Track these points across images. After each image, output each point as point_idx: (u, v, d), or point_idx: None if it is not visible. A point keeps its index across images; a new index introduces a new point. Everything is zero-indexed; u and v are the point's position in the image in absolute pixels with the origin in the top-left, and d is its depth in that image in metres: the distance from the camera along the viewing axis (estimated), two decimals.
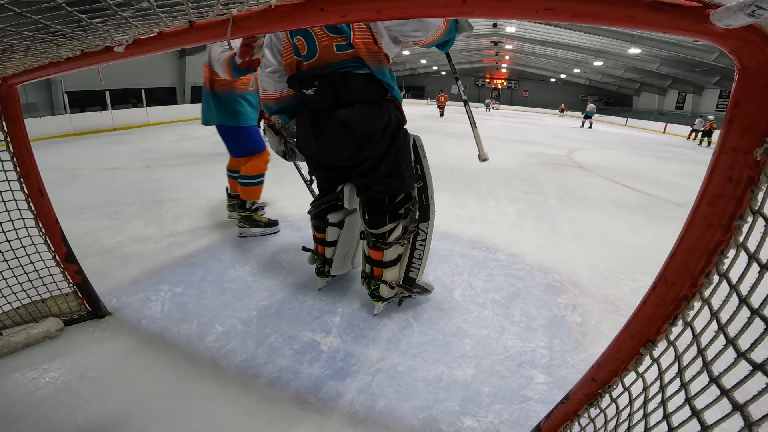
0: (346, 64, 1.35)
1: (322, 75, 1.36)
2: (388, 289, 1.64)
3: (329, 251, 1.80)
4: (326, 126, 1.42)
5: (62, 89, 9.58)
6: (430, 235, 1.66)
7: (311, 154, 1.60)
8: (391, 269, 1.62)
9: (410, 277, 1.67)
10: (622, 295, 1.97)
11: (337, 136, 1.43)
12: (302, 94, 1.44)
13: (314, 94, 1.39)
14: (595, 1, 0.53)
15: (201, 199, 3.36)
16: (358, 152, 1.44)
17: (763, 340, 0.49)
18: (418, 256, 1.66)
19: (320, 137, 1.46)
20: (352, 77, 1.35)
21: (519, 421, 1.18)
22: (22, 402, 1.17)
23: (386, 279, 1.62)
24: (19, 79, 1.22)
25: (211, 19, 0.72)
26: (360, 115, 1.38)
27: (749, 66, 0.52)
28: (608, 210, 3.54)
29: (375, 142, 1.42)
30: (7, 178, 1.37)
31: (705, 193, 0.60)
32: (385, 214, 1.55)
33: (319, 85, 1.36)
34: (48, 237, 1.46)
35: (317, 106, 1.43)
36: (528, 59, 25.82)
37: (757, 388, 0.47)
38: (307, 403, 1.22)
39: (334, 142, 1.45)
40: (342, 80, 1.35)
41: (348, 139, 1.42)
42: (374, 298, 1.66)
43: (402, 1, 0.62)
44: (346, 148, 1.45)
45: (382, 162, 1.45)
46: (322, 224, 1.75)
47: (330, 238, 1.78)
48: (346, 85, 1.35)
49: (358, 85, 1.36)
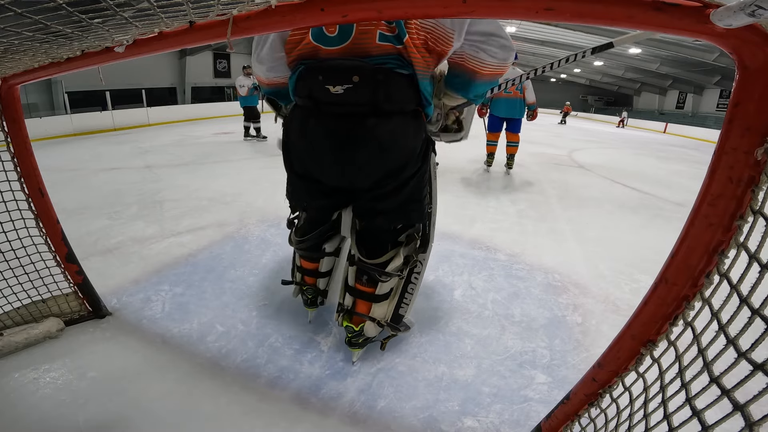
0: (388, 59, 1.03)
1: (365, 69, 1.02)
2: (374, 327, 1.37)
3: (322, 282, 1.56)
4: (355, 140, 1.09)
5: (63, 89, 9.59)
6: (426, 266, 1.47)
7: (320, 176, 1.22)
8: (381, 304, 1.37)
9: (399, 314, 1.43)
10: (623, 295, 1.97)
11: (369, 155, 1.11)
12: (321, 91, 1.07)
13: (345, 94, 1.04)
14: (595, 1, 0.53)
15: (201, 199, 3.36)
16: (392, 176, 1.16)
17: (763, 340, 0.49)
18: (411, 290, 1.44)
19: (345, 155, 1.12)
20: (397, 79, 1.05)
21: (519, 421, 1.18)
22: (22, 402, 1.17)
23: (374, 315, 1.36)
24: (19, 79, 1.22)
25: (212, 20, 0.72)
26: (401, 129, 1.11)
27: (750, 66, 0.52)
28: (609, 210, 3.54)
29: (412, 164, 1.18)
30: (7, 178, 1.37)
31: (706, 192, 0.60)
32: (386, 242, 1.33)
33: (357, 83, 1.03)
34: (48, 237, 1.46)
35: (343, 110, 1.08)
36: (528, 59, 25.79)
37: (758, 388, 0.47)
38: (308, 403, 1.22)
39: (362, 163, 1.12)
40: (384, 80, 1.04)
41: (384, 159, 1.12)
42: (353, 346, 1.39)
43: (402, 1, 0.62)
44: (374, 171, 1.15)
45: (406, 186, 1.19)
46: (316, 255, 1.49)
47: (325, 268, 1.53)
48: (387, 87, 1.05)
49: (400, 89, 1.07)
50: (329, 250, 1.48)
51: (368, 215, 1.28)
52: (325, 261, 1.51)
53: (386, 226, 1.29)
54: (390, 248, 1.32)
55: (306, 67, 1.09)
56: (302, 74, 1.11)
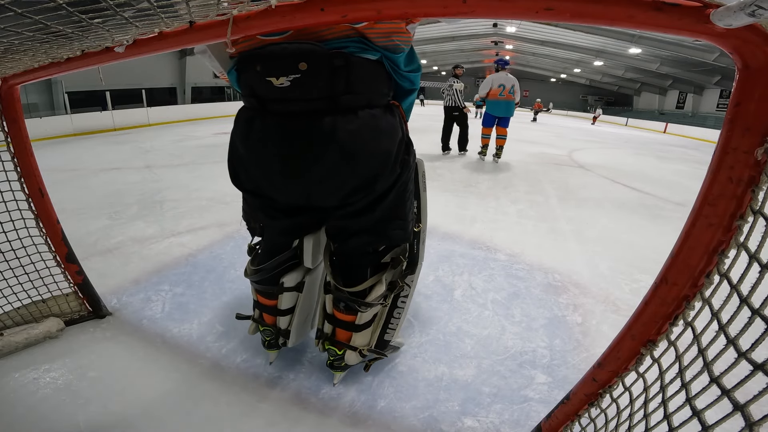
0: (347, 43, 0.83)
1: (317, 53, 0.80)
2: (357, 356, 1.21)
3: (283, 320, 1.26)
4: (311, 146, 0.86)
5: (63, 89, 9.59)
6: (414, 288, 1.30)
7: (266, 192, 0.99)
8: (363, 333, 1.20)
9: (384, 339, 1.29)
10: (623, 295, 1.97)
11: (331, 165, 0.88)
12: (262, 86, 0.85)
13: (292, 87, 0.82)
14: (595, 1, 0.53)
15: (202, 199, 3.36)
16: (363, 188, 0.94)
17: (763, 340, 0.49)
18: (398, 315, 1.27)
19: (297, 165, 0.89)
20: (362, 65, 0.85)
21: (520, 421, 1.18)
22: (23, 402, 1.17)
23: (355, 345, 1.20)
24: (19, 79, 1.22)
25: (212, 20, 0.72)
26: (371, 128, 0.88)
27: (750, 66, 0.52)
28: (609, 210, 3.54)
29: (388, 172, 0.95)
30: (7, 178, 1.37)
31: (706, 193, 0.60)
32: (366, 267, 1.14)
33: (306, 71, 0.81)
34: (49, 237, 1.46)
35: (293, 108, 0.86)
36: (528, 59, 25.80)
37: (758, 388, 0.47)
38: (308, 403, 1.22)
39: (324, 175, 0.89)
40: (344, 67, 0.83)
41: (350, 169, 0.89)
42: (335, 369, 1.24)
43: (402, 1, 0.62)
44: (342, 183, 0.92)
45: (384, 200, 0.98)
46: (273, 291, 1.21)
47: (285, 305, 1.23)
48: (348, 76, 0.83)
49: (367, 78, 0.87)
50: (288, 285, 1.19)
51: (341, 236, 1.07)
52: (284, 297, 1.21)
53: (363, 249, 1.09)
54: (370, 274, 1.13)
55: (241, 57, 0.88)
56: (239, 66, 0.90)
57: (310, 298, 1.32)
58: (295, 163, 0.89)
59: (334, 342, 1.21)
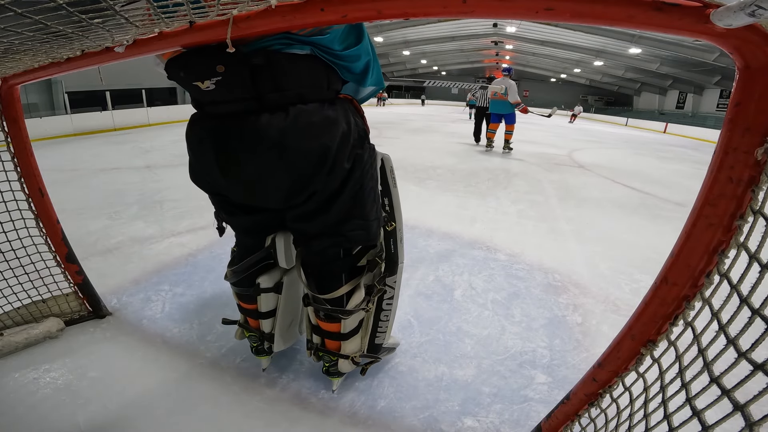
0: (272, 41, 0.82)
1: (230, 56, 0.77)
2: (349, 364, 1.20)
3: (266, 324, 1.24)
4: (242, 145, 0.87)
5: (63, 89, 9.59)
6: (399, 288, 1.28)
7: (218, 190, 1.01)
8: (351, 340, 1.18)
9: (376, 344, 1.28)
10: (623, 295, 1.97)
11: (264, 163, 0.88)
12: (194, 90, 0.88)
13: (216, 90, 0.84)
14: (595, 1, 0.53)
15: (201, 199, 3.35)
16: (301, 187, 0.92)
17: (763, 340, 0.49)
18: (385, 318, 1.26)
19: (232, 165, 0.90)
20: (288, 61, 0.84)
21: (520, 421, 1.18)
22: (23, 402, 1.17)
23: (345, 353, 1.18)
24: (19, 79, 1.22)
25: (212, 20, 0.72)
26: (301, 123, 0.86)
27: (750, 66, 0.52)
28: (609, 210, 3.54)
29: (328, 169, 0.91)
30: (7, 178, 1.37)
31: (706, 192, 0.60)
32: (339, 272, 1.10)
33: (224, 74, 0.81)
34: (49, 237, 1.46)
35: (222, 110, 0.88)
36: (528, 59, 25.81)
37: (758, 388, 0.47)
38: (308, 403, 1.22)
39: (259, 174, 0.89)
40: (267, 65, 0.82)
41: (282, 167, 0.88)
42: (331, 375, 1.24)
43: (402, 1, 0.62)
44: (279, 183, 0.91)
45: (337, 199, 0.96)
46: (250, 293, 1.18)
47: (265, 308, 1.21)
48: (272, 73, 0.83)
49: (295, 74, 0.85)
50: (265, 286, 1.17)
51: (302, 240, 1.07)
52: (263, 299, 1.19)
53: (328, 253, 1.06)
54: (346, 279, 1.10)
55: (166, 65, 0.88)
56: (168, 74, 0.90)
57: (293, 301, 1.28)
58: (229, 163, 0.90)
59: (326, 351, 1.20)
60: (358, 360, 1.22)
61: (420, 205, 3.36)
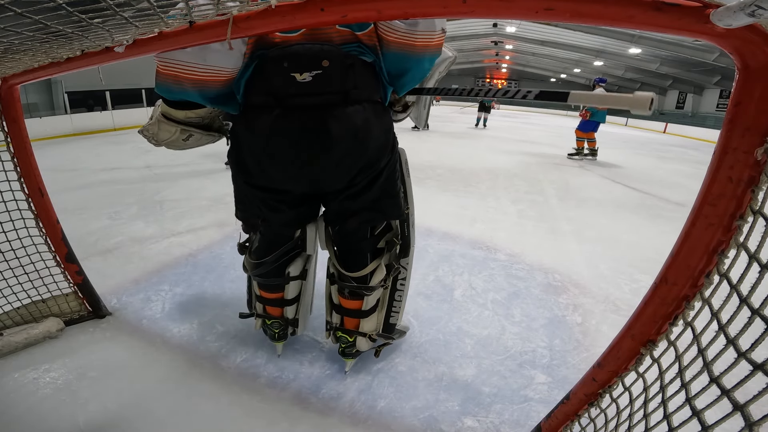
0: (350, 47, 0.96)
1: (335, 53, 0.93)
2: (367, 341, 1.30)
3: (290, 310, 1.36)
4: (331, 132, 0.97)
5: (62, 89, 9.58)
6: (410, 271, 1.39)
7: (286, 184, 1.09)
8: (370, 318, 1.29)
9: (390, 323, 1.37)
10: (623, 295, 1.97)
11: (349, 148, 1.00)
12: (285, 82, 0.94)
13: (314, 82, 0.93)
14: (594, 1, 0.53)
15: (201, 199, 3.36)
16: (368, 168, 1.07)
17: (763, 340, 0.49)
18: (399, 298, 1.37)
19: (320, 150, 0.99)
20: (363, 66, 0.99)
21: (520, 421, 1.18)
22: (22, 402, 1.17)
23: (364, 330, 1.29)
24: (19, 79, 1.22)
25: (212, 20, 0.72)
26: (374, 118, 1.02)
27: (750, 66, 0.52)
28: (609, 210, 3.54)
29: (387, 154, 1.11)
30: (7, 178, 1.37)
31: (706, 192, 0.60)
32: (366, 252, 1.24)
33: (327, 68, 0.92)
34: (48, 237, 1.46)
35: (313, 101, 0.96)
36: (528, 59, 25.80)
37: (758, 388, 0.47)
38: (308, 403, 1.22)
39: (341, 157, 1.01)
40: (352, 66, 0.96)
41: (362, 150, 1.03)
42: (347, 356, 1.33)
43: (402, 2, 0.62)
44: (356, 164, 1.05)
45: (379, 178, 1.11)
46: (279, 282, 1.30)
47: (291, 295, 1.33)
48: (355, 74, 0.97)
49: (366, 77, 1.00)
50: (294, 274, 1.29)
51: (341, 219, 1.18)
52: (291, 286, 1.31)
53: (362, 229, 1.20)
54: (371, 259, 1.24)
55: (266, 56, 0.94)
56: (261, 66, 0.96)
57: (310, 284, 1.42)
58: (316, 149, 1.00)
59: (345, 330, 1.30)
60: (374, 338, 1.32)
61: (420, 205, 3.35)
